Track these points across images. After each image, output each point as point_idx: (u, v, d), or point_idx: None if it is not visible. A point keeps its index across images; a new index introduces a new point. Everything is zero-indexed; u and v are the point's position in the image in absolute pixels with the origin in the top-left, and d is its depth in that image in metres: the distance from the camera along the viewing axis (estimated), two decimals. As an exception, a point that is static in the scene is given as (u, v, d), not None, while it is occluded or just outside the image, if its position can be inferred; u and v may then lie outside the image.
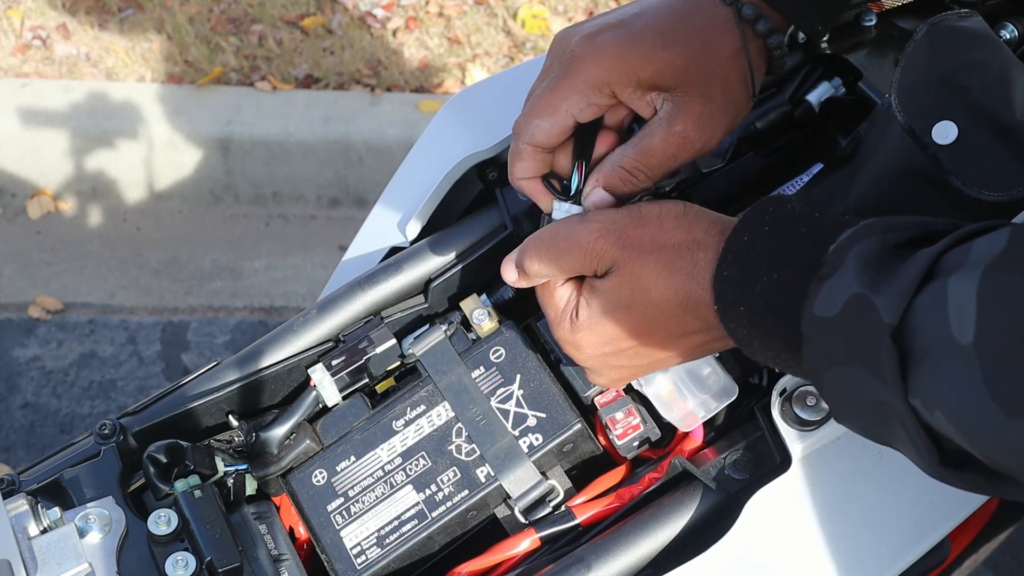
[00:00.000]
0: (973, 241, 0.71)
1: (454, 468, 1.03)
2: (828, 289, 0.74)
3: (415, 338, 1.11)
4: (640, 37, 0.93)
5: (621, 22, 0.94)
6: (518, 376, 1.05)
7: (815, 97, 1.13)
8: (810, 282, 0.76)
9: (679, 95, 0.93)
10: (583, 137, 0.97)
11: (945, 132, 0.93)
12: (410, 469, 1.04)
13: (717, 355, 0.98)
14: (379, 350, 1.08)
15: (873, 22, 1.14)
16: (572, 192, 0.96)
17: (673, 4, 0.95)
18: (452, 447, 1.04)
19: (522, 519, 1.01)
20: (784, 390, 0.96)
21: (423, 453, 1.04)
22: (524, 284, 0.95)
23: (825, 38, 1.11)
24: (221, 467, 1.04)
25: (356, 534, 1.02)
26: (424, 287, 1.14)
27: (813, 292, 0.76)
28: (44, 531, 0.96)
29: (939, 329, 0.68)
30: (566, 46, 0.95)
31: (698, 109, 0.93)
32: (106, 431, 1.05)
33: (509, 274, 0.95)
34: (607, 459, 1.05)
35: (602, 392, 1.02)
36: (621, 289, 0.87)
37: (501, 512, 1.03)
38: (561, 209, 0.96)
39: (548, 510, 1.01)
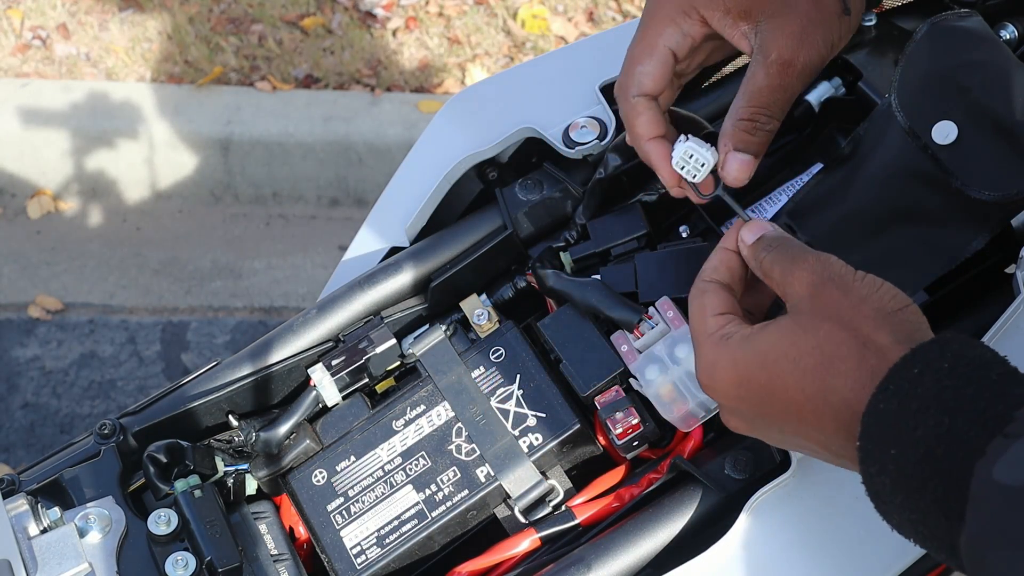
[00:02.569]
0: None
1: (454, 468, 1.03)
2: (1017, 452, 0.62)
3: (415, 338, 1.11)
4: None
5: None
6: (518, 376, 1.05)
7: (815, 97, 1.13)
8: (992, 438, 0.64)
9: (768, 22, 0.89)
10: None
11: (945, 132, 0.93)
12: (410, 469, 1.04)
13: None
14: (379, 350, 1.08)
15: (873, 22, 1.14)
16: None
17: None
18: (452, 447, 1.04)
19: (522, 519, 1.01)
20: (784, 390, 0.96)
21: (423, 453, 1.04)
22: (747, 257, 0.85)
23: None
24: (221, 467, 1.04)
25: (356, 534, 1.02)
26: (424, 287, 1.14)
27: (995, 451, 0.63)
28: (44, 531, 0.96)
29: None
30: None
31: (788, 30, 0.88)
32: (106, 431, 1.06)
33: (751, 235, 0.85)
34: (607, 459, 1.05)
35: (602, 392, 1.02)
36: (782, 339, 0.77)
37: (501, 512, 1.03)
38: (686, 147, 0.92)
39: (548, 510, 1.01)
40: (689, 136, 0.94)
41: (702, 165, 0.93)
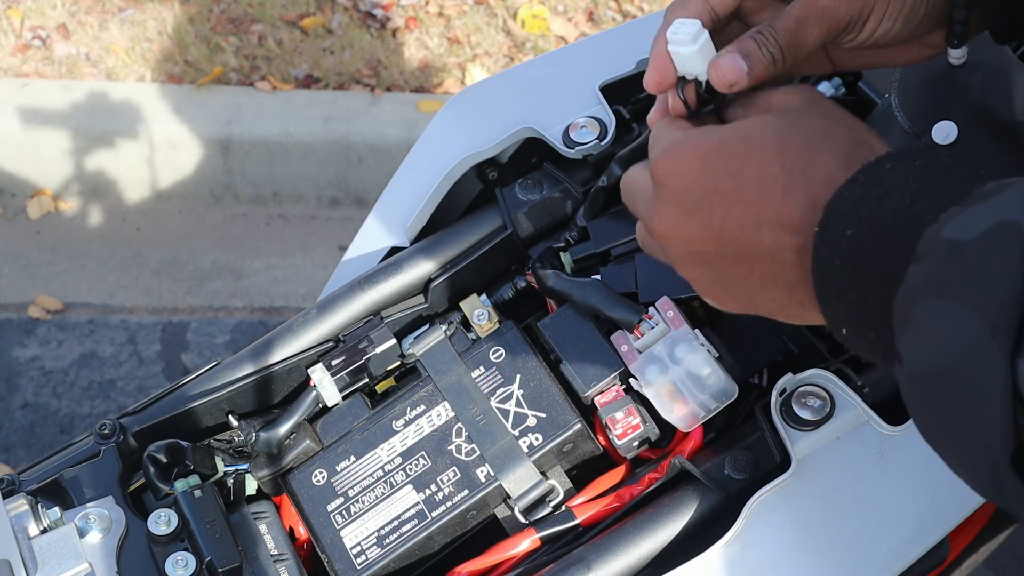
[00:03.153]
0: None
1: (454, 468, 1.03)
2: (970, 214, 0.61)
3: (415, 338, 1.11)
4: None
5: None
6: (518, 376, 1.05)
7: (815, 97, 1.13)
8: (948, 209, 0.63)
9: None
10: None
11: (945, 132, 0.93)
12: (410, 469, 1.04)
13: (717, 356, 0.98)
14: (379, 350, 1.08)
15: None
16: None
17: None
18: (452, 447, 1.04)
19: (522, 519, 1.01)
20: (784, 390, 0.96)
21: (423, 453, 1.04)
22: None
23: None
24: (221, 467, 1.04)
25: (356, 534, 1.02)
26: (424, 287, 1.14)
27: (948, 217, 0.62)
28: (44, 531, 0.96)
29: None
30: None
31: None
32: (106, 431, 1.06)
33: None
34: (607, 459, 1.05)
35: (602, 392, 1.02)
36: (770, 120, 0.75)
37: (501, 512, 1.03)
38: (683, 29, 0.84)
39: (548, 510, 1.01)
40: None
41: (693, 27, 0.83)
